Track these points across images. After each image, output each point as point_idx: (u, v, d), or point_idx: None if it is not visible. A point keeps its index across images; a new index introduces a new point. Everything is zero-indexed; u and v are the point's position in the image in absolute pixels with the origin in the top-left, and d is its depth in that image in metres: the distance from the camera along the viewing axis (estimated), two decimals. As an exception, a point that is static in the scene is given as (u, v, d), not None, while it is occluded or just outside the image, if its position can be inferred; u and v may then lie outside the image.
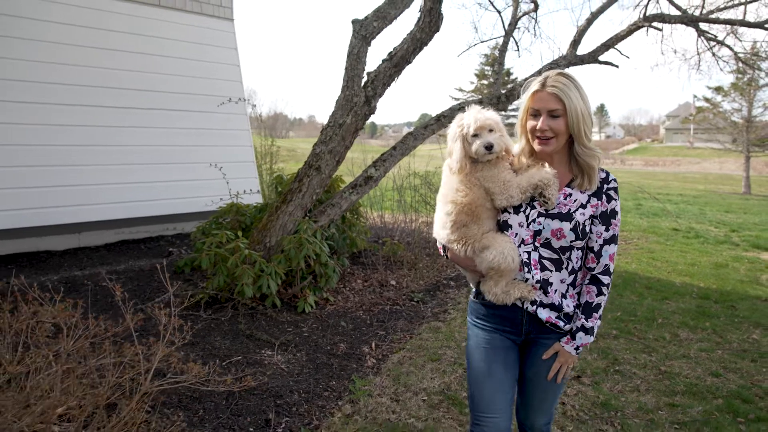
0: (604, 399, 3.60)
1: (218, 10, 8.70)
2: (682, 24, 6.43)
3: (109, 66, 7.42)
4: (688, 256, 8.20)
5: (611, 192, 2.01)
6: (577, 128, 1.92)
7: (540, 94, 1.95)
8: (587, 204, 1.99)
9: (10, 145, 6.64)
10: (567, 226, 1.97)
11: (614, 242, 2.02)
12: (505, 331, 2.11)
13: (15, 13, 6.67)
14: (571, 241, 1.98)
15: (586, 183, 1.99)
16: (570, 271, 2.04)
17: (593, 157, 1.97)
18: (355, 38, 5.46)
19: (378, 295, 5.61)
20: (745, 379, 4.00)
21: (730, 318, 5.34)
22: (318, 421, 3.27)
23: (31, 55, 6.76)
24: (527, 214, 2.03)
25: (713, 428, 3.27)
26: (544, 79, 1.95)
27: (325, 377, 3.83)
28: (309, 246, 5.04)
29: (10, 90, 6.62)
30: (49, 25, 6.90)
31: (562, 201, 2.00)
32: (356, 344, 4.41)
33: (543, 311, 2.04)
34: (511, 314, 2.08)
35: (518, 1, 7.12)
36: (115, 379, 2.46)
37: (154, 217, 8.02)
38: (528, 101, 1.99)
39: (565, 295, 2.05)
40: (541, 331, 2.08)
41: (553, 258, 2.01)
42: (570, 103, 1.90)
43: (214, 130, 8.55)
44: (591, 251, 2.03)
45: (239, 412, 3.27)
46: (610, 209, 2.00)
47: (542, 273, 2.01)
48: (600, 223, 2.00)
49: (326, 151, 5.45)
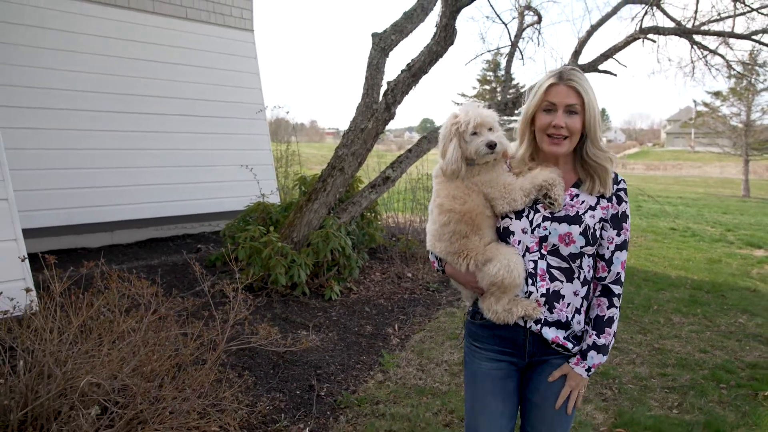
0: (603, 369, 4.09)
1: (239, 22, 9.24)
2: (676, 35, 6.94)
3: (142, 75, 7.95)
4: (684, 253, 8.68)
5: (621, 193, 1.85)
6: (593, 128, 1.79)
7: (557, 87, 1.76)
8: (597, 206, 1.82)
9: (57, 149, 7.16)
10: (576, 229, 1.78)
11: (625, 248, 1.85)
12: (505, 353, 1.91)
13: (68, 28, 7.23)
14: (581, 247, 1.79)
15: (599, 186, 1.82)
16: (583, 281, 1.83)
17: (607, 160, 1.81)
18: (375, 50, 5.97)
19: (396, 285, 6.11)
20: (730, 355, 4.49)
21: (719, 305, 5.83)
22: (354, 387, 3.76)
23: (80, 67, 7.31)
24: (531, 218, 1.83)
25: (699, 392, 3.76)
26: (560, 72, 1.78)
27: (356, 353, 4.32)
28: (335, 239, 5.55)
29: (58, 98, 7.16)
30: (90, 38, 7.44)
31: (569, 202, 1.82)
32: (381, 326, 4.90)
33: (549, 331, 1.83)
34: (513, 334, 1.87)
35: (523, 13, 7.65)
36: (195, 342, 2.96)
37: (180, 216, 8.53)
38: (541, 95, 1.79)
39: (579, 310, 1.85)
40: (548, 352, 1.88)
41: (563, 267, 1.81)
42: (588, 98, 1.76)
43: (236, 135, 9.07)
44: (602, 259, 1.84)
45: (286, 379, 3.77)
46: (621, 212, 1.84)
47: (552, 284, 1.81)
48: (611, 227, 1.82)
49: (349, 154, 5.95)
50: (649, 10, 6.96)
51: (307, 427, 3.19)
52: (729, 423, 3.36)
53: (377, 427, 3.23)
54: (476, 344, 1.97)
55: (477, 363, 1.96)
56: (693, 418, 3.43)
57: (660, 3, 6.97)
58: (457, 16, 5.39)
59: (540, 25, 7.87)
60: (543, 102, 1.79)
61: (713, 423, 3.34)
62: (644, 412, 3.48)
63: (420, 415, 3.32)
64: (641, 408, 3.53)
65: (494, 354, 1.92)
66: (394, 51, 6.27)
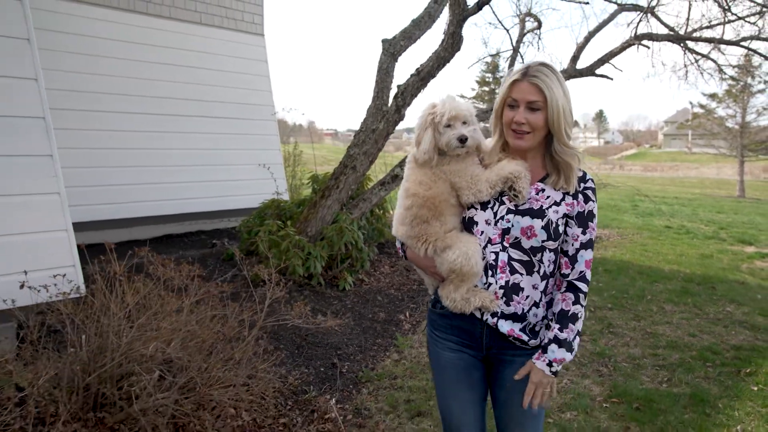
0: (600, 350, 4.46)
1: (251, 27, 9.60)
2: (669, 41, 7.32)
3: (159, 78, 8.31)
4: (678, 249, 9.06)
5: (588, 192, 1.85)
6: (557, 124, 1.77)
7: (520, 84, 1.78)
8: (561, 202, 1.83)
9: (78, 148, 7.51)
10: (538, 223, 1.80)
11: (591, 247, 1.85)
12: (464, 344, 1.94)
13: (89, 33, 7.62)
14: (542, 241, 1.81)
15: (563, 182, 1.83)
16: (542, 275, 1.85)
17: (572, 157, 1.81)
18: (385, 55, 6.34)
19: (405, 277, 6.47)
20: (717, 338, 4.86)
21: (709, 296, 6.20)
22: (373, 365, 4.12)
23: (101, 70, 7.68)
24: (495, 210, 1.86)
25: (686, 369, 4.13)
26: (526, 68, 1.79)
27: (372, 336, 4.68)
28: (348, 233, 5.91)
29: (80, 100, 7.52)
30: (110, 43, 7.79)
31: (534, 196, 1.85)
32: (393, 313, 5.26)
33: (504, 323, 1.85)
34: (470, 326, 1.91)
35: (524, 20, 8.01)
36: (235, 319, 3.32)
37: (194, 213, 8.89)
38: (506, 90, 1.82)
39: (537, 304, 1.86)
40: (504, 346, 1.89)
41: (524, 260, 1.83)
42: (551, 96, 1.74)
43: (248, 135, 9.43)
44: (565, 255, 1.85)
45: (310, 358, 4.13)
46: (588, 210, 1.84)
47: (512, 276, 1.83)
48: (576, 224, 1.83)
49: (360, 153, 6.31)
50: (643, 17, 7.34)
51: (333, 398, 3.55)
52: (713, 395, 3.73)
53: (396, 397, 3.59)
54: (437, 333, 2.01)
55: (439, 352, 1.99)
56: (680, 390, 3.79)
57: (654, 10, 7.35)
58: (464, 24, 5.75)
59: (540, 31, 8.24)
60: (507, 98, 1.82)
61: (698, 394, 3.71)
62: (636, 385, 3.84)
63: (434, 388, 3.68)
64: (634, 382, 3.90)
65: (454, 345, 1.95)
66: (402, 56, 6.65)
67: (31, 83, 3.76)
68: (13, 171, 3.69)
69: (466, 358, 1.94)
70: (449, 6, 5.81)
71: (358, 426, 3.25)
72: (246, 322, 3.35)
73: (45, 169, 3.80)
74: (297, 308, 3.43)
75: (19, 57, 3.70)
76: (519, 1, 14.97)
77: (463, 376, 1.95)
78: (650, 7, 7.16)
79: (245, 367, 3.34)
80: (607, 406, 3.56)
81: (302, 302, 3.66)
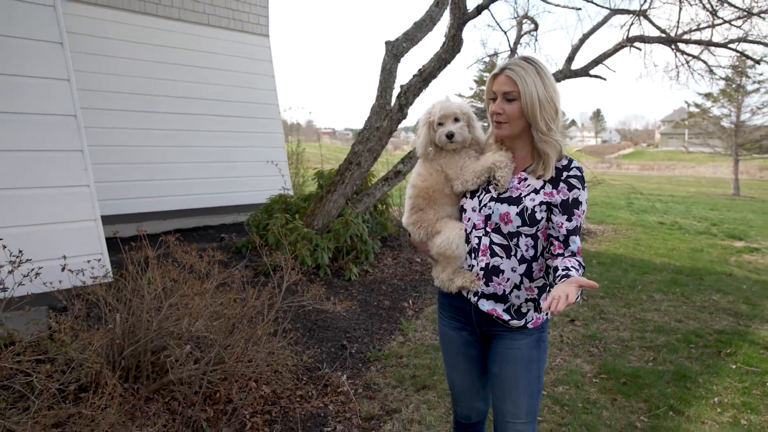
0: (591, 333, 4.77)
1: (256, 27, 9.89)
2: (660, 44, 7.63)
3: (168, 77, 8.60)
4: (669, 243, 9.39)
5: (572, 180, 1.93)
6: (531, 113, 1.89)
7: (499, 77, 1.95)
8: (540, 190, 1.94)
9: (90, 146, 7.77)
10: (514, 210, 1.93)
11: (578, 234, 1.93)
12: (460, 322, 2.13)
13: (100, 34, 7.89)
14: (517, 227, 1.93)
15: (541, 169, 1.95)
16: (520, 259, 1.96)
17: (548, 144, 1.92)
18: (388, 56, 6.64)
19: (407, 268, 6.78)
20: (701, 324, 5.17)
21: (697, 286, 6.52)
22: (380, 346, 4.42)
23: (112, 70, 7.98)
24: (480, 198, 2.03)
25: (671, 349, 4.45)
26: (504, 64, 1.96)
27: (378, 321, 4.98)
28: (354, 226, 6.21)
29: (92, 99, 7.79)
30: (121, 44, 8.08)
31: (515, 185, 1.98)
32: (397, 301, 5.56)
33: (486, 302, 2.00)
34: (462, 305, 2.09)
35: (521, 22, 8.32)
36: (255, 301, 3.62)
37: (201, 209, 9.18)
38: (489, 85, 2.00)
39: (519, 286, 1.97)
40: (492, 323, 2.04)
41: (503, 244, 1.97)
42: (525, 87, 1.88)
43: (253, 134, 9.72)
44: (556, 240, 1.94)
45: (321, 340, 4.43)
46: (572, 198, 1.92)
47: (492, 259, 1.97)
48: (560, 212, 1.92)
49: (365, 150, 6.61)
50: (635, 20, 7.65)
51: (344, 374, 3.85)
52: (694, 372, 4.04)
53: (403, 374, 3.90)
54: (442, 312, 2.22)
55: (444, 329, 2.22)
56: (665, 368, 4.11)
57: (646, 13, 7.65)
58: (464, 27, 6.05)
59: (536, 33, 8.55)
60: (490, 91, 2.00)
61: (681, 371, 4.02)
62: (624, 364, 4.16)
63: (438, 365, 3.99)
64: (622, 361, 4.21)
65: (453, 322, 2.16)
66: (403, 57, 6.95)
67: (64, 84, 4.05)
68: (48, 165, 3.98)
69: (465, 336, 2.14)
70: (450, 10, 6.11)
71: (368, 398, 3.55)
72: (265, 303, 3.65)
73: (76, 164, 4.10)
74: (313, 290, 3.72)
75: (53, 59, 4.00)
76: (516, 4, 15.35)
77: (462, 351, 2.17)
78: (642, 11, 7.46)
79: (265, 344, 3.64)
80: (597, 381, 3.87)
81: (318, 285, 3.96)
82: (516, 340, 2.02)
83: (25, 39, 3.90)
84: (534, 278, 1.98)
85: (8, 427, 2.30)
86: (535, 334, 2.03)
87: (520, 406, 2.03)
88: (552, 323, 5.08)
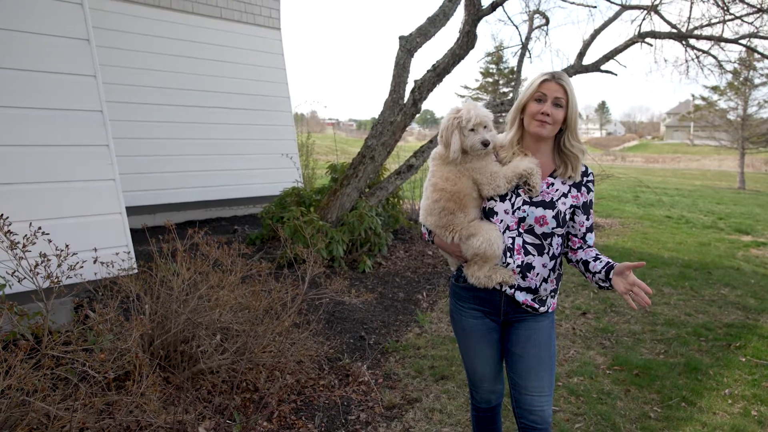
0: (603, 326, 4.88)
1: (268, 21, 9.95)
2: (671, 39, 7.67)
3: (182, 70, 8.68)
4: (677, 237, 9.46)
5: (590, 184, 2.21)
6: (573, 121, 2.14)
7: (549, 83, 2.11)
8: (568, 194, 2.17)
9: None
10: (550, 213, 2.13)
11: (593, 231, 2.25)
12: (484, 311, 2.28)
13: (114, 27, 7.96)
14: (552, 228, 2.14)
15: (570, 172, 2.17)
16: (551, 256, 2.18)
17: (580, 151, 2.17)
18: (401, 51, 6.70)
19: (420, 261, 6.88)
20: (711, 317, 5.27)
21: (705, 280, 6.61)
22: (397, 337, 4.54)
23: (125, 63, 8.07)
24: (513, 201, 2.17)
25: (682, 343, 4.55)
26: (553, 72, 2.14)
27: (394, 313, 5.09)
28: (368, 219, 6.31)
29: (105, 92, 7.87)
30: (135, 37, 8.15)
31: (545, 190, 2.16)
32: (411, 293, 5.67)
33: (520, 294, 2.18)
34: (491, 296, 2.23)
35: (533, 17, 8.36)
36: (279, 293, 3.73)
37: (214, 201, 9.30)
38: (535, 88, 2.13)
39: (546, 280, 2.19)
40: (518, 311, 2.23)
41: (536, 243, 2.16)
42: (573, 97, 2.12)
43: (265, 126, 9.81)
44: (575, 237, 2.23)
45: (339, 331, 4.54)
46: (590, 200, 2.21)
47: (525, 257, 2.15)
48: (582, 212, 2.19)
49: (378, 144, 6.69)
50: (647, 15, 7.69)
51: (364, 364, 3.97)
52: (705, 364, 4.15)
53: (421, 364, 4.01)
54: (460, 303, 2.34)
55: (464, 319, 2.33)
56: (676, 360, 4.21)
57: (657, 9, 7.69)
58: (478, 23, 6.12)
59: (547, 27, 8.60)
60: (536, 93, 2.13)
61: (692, 364, 4.12)
62: (636, 356, 4.26)
63: (455, 356, 4.10)
64: (634, 353, 4.32)
65: (476, 312, 2.29)
66: (417, 52, 7.01)
67: (90, 80, 4.15)
68: (75, 159, 4.09)
69: (488, 323, 2.28)
70: (464, 6, 6.18)
71: (389, 387, 3.67)
72: (289, 295, 3.76)
73: (102, 158, 4.20)
74: (336, 282, 3.83)
75: (80, 56, 4.09)
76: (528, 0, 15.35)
77: (485, 337, 2.30)
78: (653, 6, 7.50)
79: (288, 335, 3.75)
80: (610, 373, 3.98)
81: (341, 278, 4.06)
82: (539, 322, 2.24)
83: (54, 36, 3.99)
84: (556, 271, 2.25)
85: (55, 414, 2.41)
86: (551, 316, 2.29)
87: (543, 380, 2.22)
88: (564, 316, 5.18)
